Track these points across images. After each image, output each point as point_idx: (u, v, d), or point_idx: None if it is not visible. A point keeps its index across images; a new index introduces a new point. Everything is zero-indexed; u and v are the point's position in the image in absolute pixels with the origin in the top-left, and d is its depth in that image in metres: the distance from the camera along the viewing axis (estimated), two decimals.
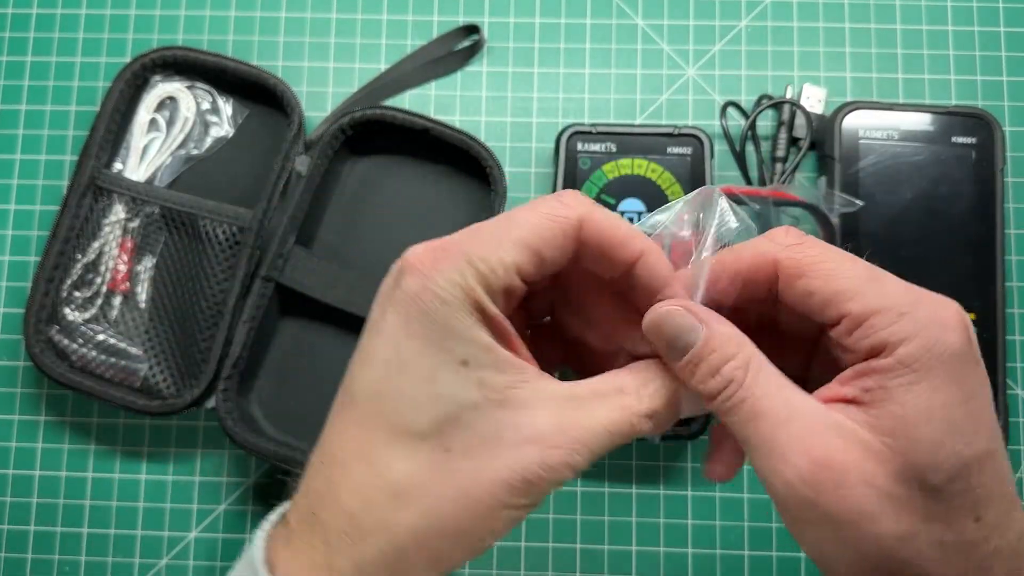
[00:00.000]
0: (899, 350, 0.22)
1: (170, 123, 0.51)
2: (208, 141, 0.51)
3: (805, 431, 0.23)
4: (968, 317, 0.24)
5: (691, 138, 0.49)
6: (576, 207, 0.25)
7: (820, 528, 0.23)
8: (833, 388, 0.24)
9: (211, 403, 0.48)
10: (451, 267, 0.24)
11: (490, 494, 0.23)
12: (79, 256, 0.49)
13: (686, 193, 0.49)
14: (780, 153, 0.51)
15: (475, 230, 0.25)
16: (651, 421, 0.25)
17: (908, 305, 0.23)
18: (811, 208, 0.45)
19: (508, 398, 0.24)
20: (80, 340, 0.49)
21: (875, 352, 0.23)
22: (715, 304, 0.26)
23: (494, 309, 0.24)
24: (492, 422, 0.24)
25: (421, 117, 0.48)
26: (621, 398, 0.25)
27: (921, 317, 0.23)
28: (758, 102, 0.51)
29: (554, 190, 0.49)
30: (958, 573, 0.22)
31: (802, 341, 0.27)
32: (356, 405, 0.25)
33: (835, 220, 0.43)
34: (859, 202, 0.44)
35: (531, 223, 0.24)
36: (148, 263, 0.50)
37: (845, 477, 0.22)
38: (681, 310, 0.25)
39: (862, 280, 0.24)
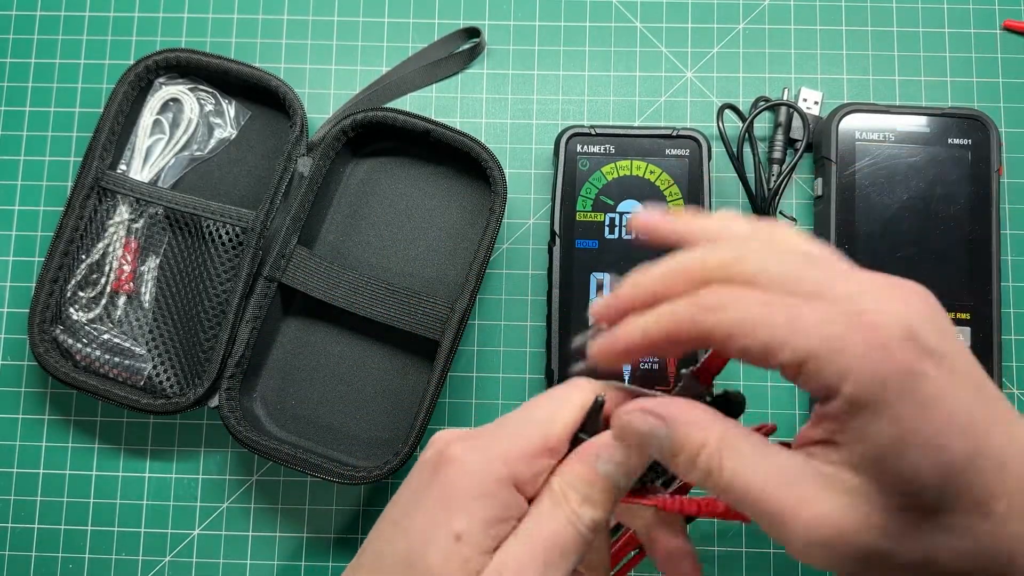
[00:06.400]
0: (844, 390, 0.22)
1: (173, 125, 0.52)
2: (211, 143, 0.52)
3: (795, 497, 0.23)
4: (909, 304, 0.23)
5: (689, 140, 0.50)
6: (589, 387, 0.28)
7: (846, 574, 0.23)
8: (808, 432, 0.24)
9: (214, 402, 0.48)
10: (483, 453, 0.26)
11: None
12: (83, 256, 0.50)
13: (684, 194, 0.49)
14: (777, 155, 0.51)
15: (508, 422, 0.28)
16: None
17: (836, 338, 0.22)
18: None
19: None
20: (84, 340, 0.49)
21: (824, 394, 0.23)
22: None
23: (508, 495, 0.26)
24: None
25: (422, 119, 0.49)
26: None
27: (852, 348, 0.22)
28: (755, 104, 0.51)
29: (554, 192, 0.49)
30: (989, 570, 0.22)
31: None
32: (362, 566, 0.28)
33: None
34: None
35: (549, 408, 0.28)
36: (152, 263, 0.51)
37: (844, 529, 0.22)
38: (638, 414, 0.25)
39: (783, 324, 0.23)
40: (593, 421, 0.27)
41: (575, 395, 0.28)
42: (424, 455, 0.28)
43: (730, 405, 0.28)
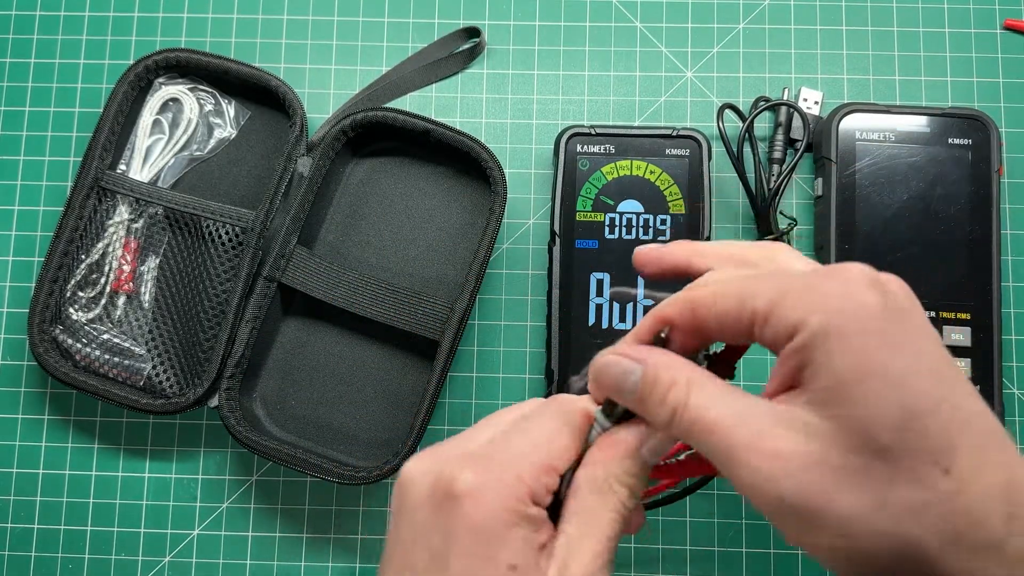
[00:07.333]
0: (811, 322, 0.22)
1: (173, 125, 0.52)
2: (211, 142, 0.52)
3: (751, 431, 0.23)
4: (881, 275, 0.24)
5: (689, 139, 0.50)
6: (577, 401, 0.29)
7: (797, 524, 0.23)
8: (773, 380, 0.25)
9: (214, 402, 0.48)
10: (496, 479, 0.26)
11: None
12: (83, 256, 0.50)
13: (684, 195, 0.49)
14: (777, 155, 0.51)
15: (507, 443, 0.27)
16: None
17: (808, 284, 0.23)
18: None
19: None
20: (84, 340, 0.49)
21: (792, 332, 0.23)
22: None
23: (535, 511, 0.26)
24: None
25: (422, 119, 0.49)
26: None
27: (824, 288, 0.23)
28: (755, 104, 0.51)
29: (554, 192, 0.49)
30: (945, 530, 0.21)
31: None
32: None
33: None
34: None
35: (548, 429, 0.28)
36: (152, 263, 0.51)
37: (792, 463, 0.22)
38: (615, 357, 0.26)
39: (758, 282, 0.24)
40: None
41: (567, 416, 0.28)
42: (412, 496, 0.27)
43: None
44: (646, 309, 0.49)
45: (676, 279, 0.30)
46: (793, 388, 0.24)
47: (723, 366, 0.29)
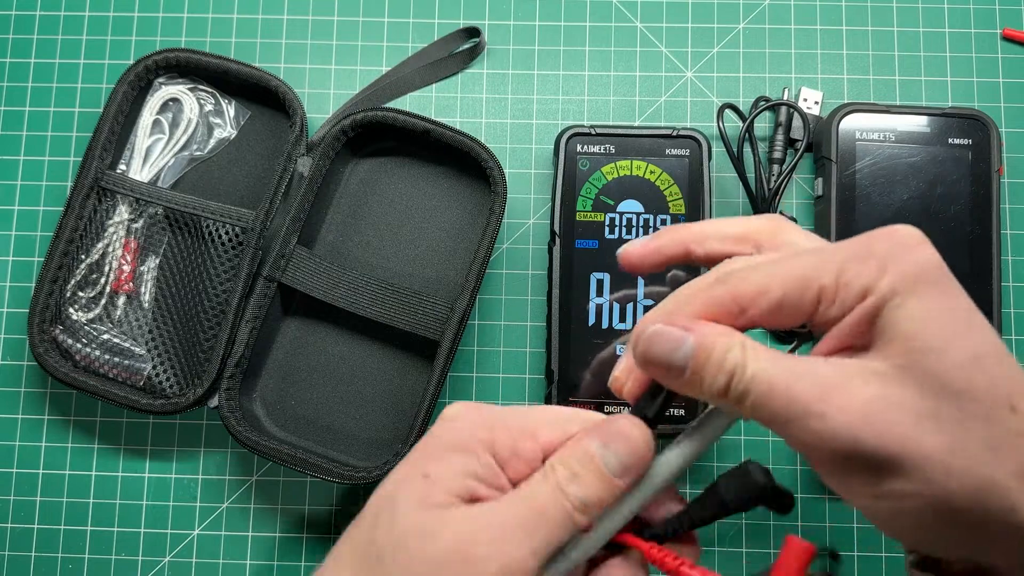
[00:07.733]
0: (880, 285, 0.23)
1: (173, 125, 0.52)
2: (211, 142, 0.52)
3: (820, 384, 0.23)
4: (917, 230, 0.24)
5: (689, 140, 0.50)
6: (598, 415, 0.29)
7: (871, 474, 0.23)
8: (825, 345, 0.25)
9: (214, 402, 0.48)
10: (472, 416, 0.28)
11: None
12: (83, 256, 0.50)
13: (684, 195, 0.49)
14: (777, 155, 0.51)
15: (512, 408, 0.29)
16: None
17: (867, 250, 0.24)
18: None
19: (436, 518, 0.26)
20: (84, 340, 0.49)
21: (859, 302, 0.24)
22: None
23: (487, 459, 0.27)
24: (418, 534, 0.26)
25: (422, 118, 0.49)
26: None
27: (885, 251, 0.24)
28: (755, 104, 0.51)
29: (554, 192, 0.49)
30: (1018, 465, 0.22)
31: None
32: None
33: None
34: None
35: (551, 413, 0.28)
36: (152, 263, 0.51)
37: (871, 410, 0.22)
38: (664, 327, 0.25)
39: (814, 260, 0.24)
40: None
41: (583, 413, 0.28)
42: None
43: (781, 497, 0.27)
44: (646, 309, 0.49)
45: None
46: (850, 349, 0.24)
47: None
